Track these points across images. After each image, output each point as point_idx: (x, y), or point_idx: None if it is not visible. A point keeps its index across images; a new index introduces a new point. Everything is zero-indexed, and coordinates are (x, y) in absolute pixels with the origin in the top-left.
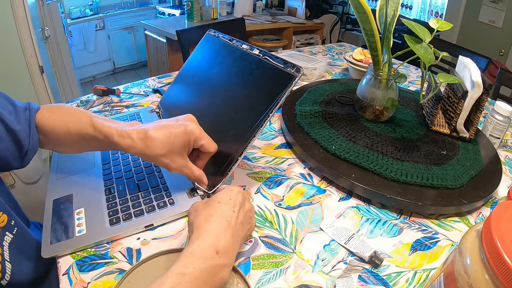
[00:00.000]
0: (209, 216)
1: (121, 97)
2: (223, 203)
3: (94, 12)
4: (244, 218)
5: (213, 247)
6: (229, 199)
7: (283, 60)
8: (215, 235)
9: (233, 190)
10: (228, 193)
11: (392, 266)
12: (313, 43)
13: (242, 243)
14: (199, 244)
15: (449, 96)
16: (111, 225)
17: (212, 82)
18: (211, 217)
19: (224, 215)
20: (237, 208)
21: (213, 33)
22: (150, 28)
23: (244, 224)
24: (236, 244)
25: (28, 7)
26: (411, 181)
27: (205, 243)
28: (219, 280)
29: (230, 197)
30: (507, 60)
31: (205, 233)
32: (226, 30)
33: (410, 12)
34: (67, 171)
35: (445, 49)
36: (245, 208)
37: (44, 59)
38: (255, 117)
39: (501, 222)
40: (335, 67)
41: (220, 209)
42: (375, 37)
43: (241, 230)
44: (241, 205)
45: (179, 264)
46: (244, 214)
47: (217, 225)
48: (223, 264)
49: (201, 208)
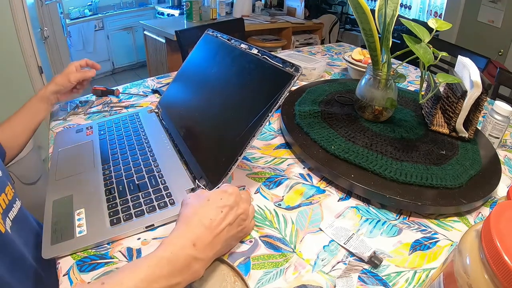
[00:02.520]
0: (194, 212)
1: (120, 98)
2: (212, 201)
3: (93, 12)
4: (234, 220)
5: (191, 240)
6: (219, 199)
7: (281, 60)
8: (194, 230)
9: (227, 191)
10: (220, 193)
11: (391, 266)
12: (312, 43)
13: (228, 244)
14: (178, 234)
15: (448, 96)
16: (112, 225)
17: (211, 82)
18: (195, 213)
19: (209, 214)
20: (226, 209)
21: (211, 32)
22: (149, 28)
23: (233, 226)
24: (217, 244)
25: (27, 7)
26: (410, 181)
27: (184, 235)
28: (193, 273)
29: (222, 197)
30: (506, 60)
31: (186, 226)
32: (225, 30)
33: (409, 12)
34: (66, 171)
35: (444, 49)
36: (238, 209)
37: (43, 59)
38: (254, 117)
39: (500, 222)
40: (334, 67)
41: (206, 207)
42: (374, 37)
43: (227, 232)
44: (232, 207)
45: (159, 248)
46: (234, 216)
47: (199, 222)
48: (199, 258)
49: (190, 202)
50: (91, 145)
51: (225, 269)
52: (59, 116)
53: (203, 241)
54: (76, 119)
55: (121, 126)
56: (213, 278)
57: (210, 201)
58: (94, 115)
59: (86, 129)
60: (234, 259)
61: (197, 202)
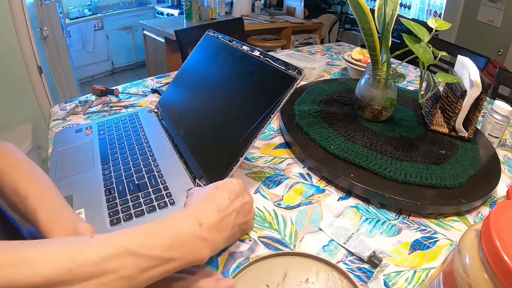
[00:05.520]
0: (202, 198)
1: (120, 97)
2: (220, 189)
3: (93, 12)
4: (241, 208)
5: (197, 219)
6: (226, 187)
7: (284, 62)
8: (202, 211)
9: (232, 181)
10: (226, 183)
11: (391, 265)
12: (311, 43)
13: (233, 234)
14: (183, 213)
15: (448, 95)
16: (112, 225)
17: (212, 83)
18: (203, 199)
19: (217, 199)
20: (233, 197)
21: (212, 33)
22: (148, 28)
23: (239, 214)
24: (225, 228)
25: (26, 7)
26: (410, 180)
27: (190, 214)
28: (194, 252)
29: (228, 186)
30: (505, 60)
31: (192, 208)
32: (225, 30)
33: (408, 12)
34: (66, 171)
35: (443, 49)
36: (243, 199)
37: (42, 59)
38: (255, 118)
39: (500, 222)
40: (333, 66)
41: (214, 194)
42: (374, 37)
43: (234, 218)
44: (238, 195)
45: (161, 221)
46: (241, 204)
47: (207, 205)
48: (204, 238)
49: (196, 192)
50: (90, 145)
51: (328, 269)
52: (58, 116)
53: (209, 221)
54: (75, 119)
55: (120, 126)
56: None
57: (217, 188)
58: (93, 115)
59: (85, 129)
60: (234, 259)
61: (204, 190)
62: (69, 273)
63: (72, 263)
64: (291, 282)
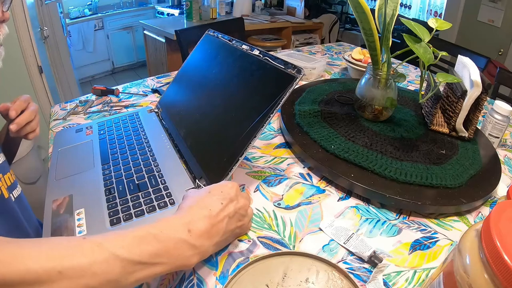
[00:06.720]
0: (194, 202)
1: (120, 97)
2: (213, 194)
3: (93, 12)
4: (234, 213)
5: (186, 225)
6: (220, 192)
7: (283, 61)
8: (192, 217)
9: (227, 185)
10: (220, 187)
11: (391, 265)
12: (312, 43)
13: (225, 239)
14: (174, 218)
15: (448, 95)
16: (112, 225)
17: (212, 82)
18: (195, 203)
19: (209, 204)
20: (226, 202)
21: (212, 33)
22: (149, 28)
23: (232, 220)
24: (215, 234)
25: (27, 7)
26: (410, 180)
27: (180, 220)
28: (182, 259)
29: (222, 190)
30: (506, 60)
31: (183, 213)
32: (225, 30)
33: (409, 12)
34: (66, 171)
35: (444, 49)
36: (237, 203)
37: (43, 59)
38: (255, 118)
39: (500, 222)
40: (334, 66)
41: (207, 198)
42: (374, 37)
43: (226, 224)
44: (232, 200)
45: (151, 225)
46: (234, 209)
47: (198, 211)
48: (193, 245)
49: (190, 195)
50: (90, 145)
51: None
52: (59, 115)
53: (199, 228)
54: (75, 119)
55: (121, 126)
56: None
57: (210, 193)
58: (94, 115)
59: (86, 128)
60: (233, 259)
61: (198, 194)
62: (59, 274)
63: (62, 266)
64: (291, 282)
